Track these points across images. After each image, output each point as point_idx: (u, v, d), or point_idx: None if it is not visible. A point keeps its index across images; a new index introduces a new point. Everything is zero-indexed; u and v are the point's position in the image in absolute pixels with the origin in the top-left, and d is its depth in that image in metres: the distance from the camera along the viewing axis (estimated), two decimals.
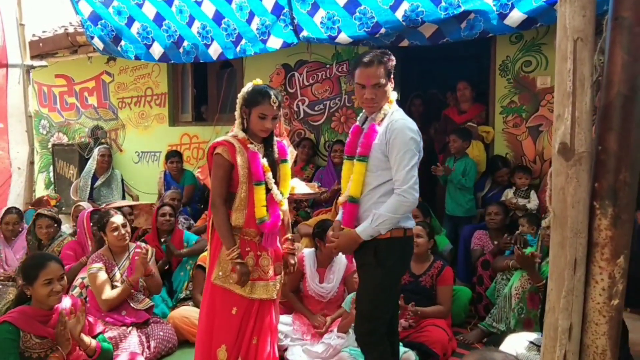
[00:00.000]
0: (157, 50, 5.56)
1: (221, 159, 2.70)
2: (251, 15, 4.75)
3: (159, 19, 5.25)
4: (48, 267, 2.77)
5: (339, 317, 3.71)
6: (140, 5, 5.20)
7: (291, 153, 3.38)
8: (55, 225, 4.76)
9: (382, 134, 2.56)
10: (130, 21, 5.36)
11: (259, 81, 2.81)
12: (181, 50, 5.41)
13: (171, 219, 4.59)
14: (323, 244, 3.84)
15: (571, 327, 1.50)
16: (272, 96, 2.70)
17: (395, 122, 2.55)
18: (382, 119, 2.61)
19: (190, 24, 5.15)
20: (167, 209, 4.65)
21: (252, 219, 2.73)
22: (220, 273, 2.73)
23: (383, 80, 2.57)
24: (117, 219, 3.82)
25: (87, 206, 5.10)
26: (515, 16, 3.79)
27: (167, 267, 4.52)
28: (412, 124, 2.59)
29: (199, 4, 4.93)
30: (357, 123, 2.80)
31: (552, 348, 1.52)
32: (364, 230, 2.55)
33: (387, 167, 2.56)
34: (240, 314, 2.73)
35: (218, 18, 4.96)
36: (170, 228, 4.60)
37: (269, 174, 2.77)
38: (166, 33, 5.34)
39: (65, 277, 2.87)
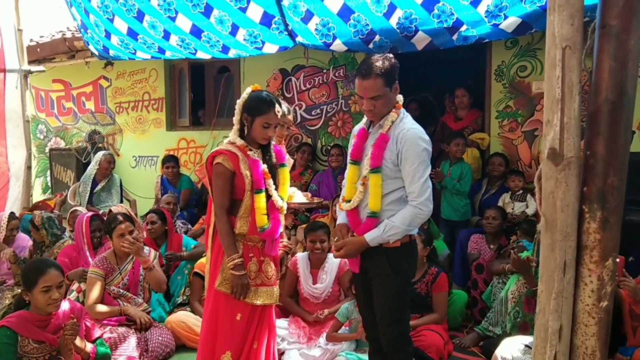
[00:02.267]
0: (143, 55, 5.59)
1: (222, 167, 2.68)
2: (234, 28, 4.64)
3: (132, 33, 5.15)
4: (47, 274, 2.75)
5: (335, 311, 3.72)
6: (111, 20, 5.07)
7: (288, 160, 3.40)
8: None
9: (393, 143, 2.52)
10: (108, 34, 5.31)
11: (257, 86, 2.81)
12: (167, 54, 5.42)
13: (154, 227, 4.54)
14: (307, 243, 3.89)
15: (561, 328, 1.53)
16: (277, 105, 2.71)
17: (407, 132, 2.50)
18: (390, 127, 2.55)
19: (166, 37, 5.03)
20: (151, 216, 4.59)
21: (255, 225, 2.73)
22: (224, 280, 2.72)
23: (381, 92, 2.50)
24: (124, 225, 3.83)
25: (84, 211, 5.11)
26: (510, 21, 3.82)
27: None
28: (423, 133, 2.55)
29: (173, 19, 4.75)
30: (363, 126, 2.73)
31: (543, 349, 1.55)
32: (374, 238, 2.52)
33: (395, 176, 2.53)
34: (245, 320, 2.73)
35: (196, 32, 4.83)
36: (156, 236, 4.55)
37: (269, 181, 2.77)
38: (144, 45, 5.28)
39: (63, 285, 2.87)
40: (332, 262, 3.92)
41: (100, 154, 6.75)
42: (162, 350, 3.62)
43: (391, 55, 2.59)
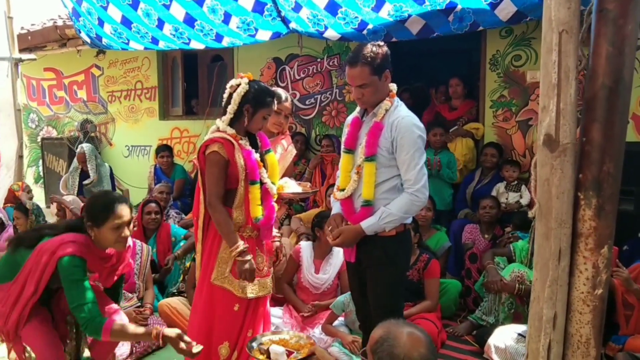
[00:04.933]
0: (136, 46, 5.52)
1: (217, 156, 2.64)
2: (227, 16, 4.59)
3: (126, 22, 5.06)
4: (120, 211, 2.56)
5: (328, 307, 3.70)
6: (105, 8, 4.99)
7: (290, 153, 3.37)
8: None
9: (387, 131, 2.51)
10: (101, 22, 5.23)
11: (250, 75, 2.78)
12: (161, 45, 5.36)
13: (157, 217, 4.49)
14: (322, 233, 3.86)
15: (555, 316, 1.52)
16: (275, 95, 2.75)
17: (402, 120, 2.49)
18: (384, 115, 2.54)
19: (160, 26, 4.96)
20: (152, 206, 4.52)
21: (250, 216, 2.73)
22: (220, 274, 2.70)
23: (368, 80, 2.49)
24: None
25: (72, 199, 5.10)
26: (506, 7, 3.75)
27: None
28: (418, 121, 2.54)
29: (167, 7, 4.68)
30: (357, 115, 2.71)
31: (537, 337, 1.54)
32: (370, 226, 2.51)
33: (390, 165, 2.53)
34: (242, 310, 2.73)
35: (189, 21, 4.77)
36: (156, 226, 4.52)
37: (262, 170, 2.76)
38: (138, 34, 5.20)
39: (131, 223, 2.67)
40: (338, 255, 3.90)
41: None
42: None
43: (382, 43, 2.57)
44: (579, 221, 1.51)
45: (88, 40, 5.71)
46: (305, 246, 4.02)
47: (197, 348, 2.34)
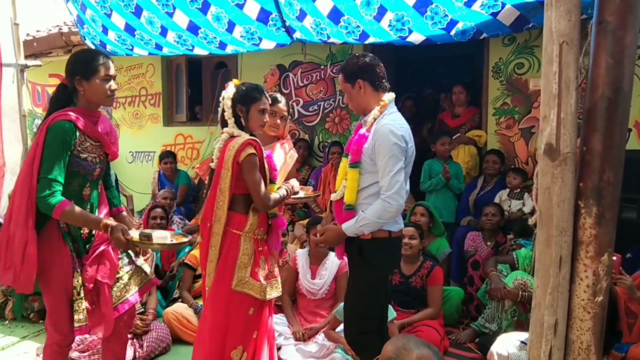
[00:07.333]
0: (140, 52, 5.55)
1: (255, 158, 2.66)
2: (231, 25, 4.60)
3: (129, 29, 5.09)
4: (107, 64, 2.56)
5: (325, 327, 3.69)
6: (108, 15, 4.99)
7: (291, 157, 3.40)
8: None
9: (371, 139, 2.61)
10: (105, 29, 5.26)
11: (238, 82, 2.83)
12: (165, 51, 5.39)
13: (162, 222, 4.50)
14: (309, 237, 3.90)
15: (556, 323, 1.53)
16: (265, 91, 2.81)
17: (381, 128, 2.58)
18: (372, 123, 2.64)
19: (163, 34, 4.98)
20: (158, 211, 4.55)
21: (264, 218, 2.77)
22: (240, 279, 2.69)
23: (342, 87, 2.74)
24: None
25: None
26: (507, 12, 3.76)
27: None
28: (397, 129, 2.57)
29: (170, 15, 4.68)
30: (360, 121, 2.83)
31: (538, 343, 1.55)
32: (348, 227, 2.62)
33: (372, 170, 2.61)
34: (256, 313, 2.75)
35: (193, 28, 4.78)
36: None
37: (276, 172, 2.86)
38: (141, 41, 5.23)
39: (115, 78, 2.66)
40: (333, 261, 3.92)
41: None
42: (158, 345, 3.62)
43: (366, 54, 2.71)
44: (579, 229, 1.53)
45: (93, 47, 5.75)
46: (301, 253, 4.04)
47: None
